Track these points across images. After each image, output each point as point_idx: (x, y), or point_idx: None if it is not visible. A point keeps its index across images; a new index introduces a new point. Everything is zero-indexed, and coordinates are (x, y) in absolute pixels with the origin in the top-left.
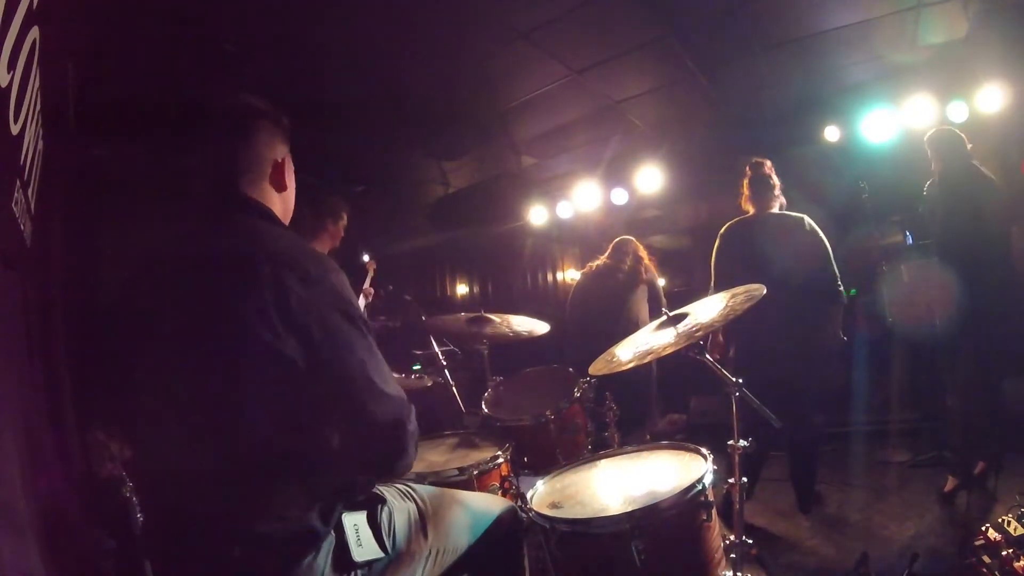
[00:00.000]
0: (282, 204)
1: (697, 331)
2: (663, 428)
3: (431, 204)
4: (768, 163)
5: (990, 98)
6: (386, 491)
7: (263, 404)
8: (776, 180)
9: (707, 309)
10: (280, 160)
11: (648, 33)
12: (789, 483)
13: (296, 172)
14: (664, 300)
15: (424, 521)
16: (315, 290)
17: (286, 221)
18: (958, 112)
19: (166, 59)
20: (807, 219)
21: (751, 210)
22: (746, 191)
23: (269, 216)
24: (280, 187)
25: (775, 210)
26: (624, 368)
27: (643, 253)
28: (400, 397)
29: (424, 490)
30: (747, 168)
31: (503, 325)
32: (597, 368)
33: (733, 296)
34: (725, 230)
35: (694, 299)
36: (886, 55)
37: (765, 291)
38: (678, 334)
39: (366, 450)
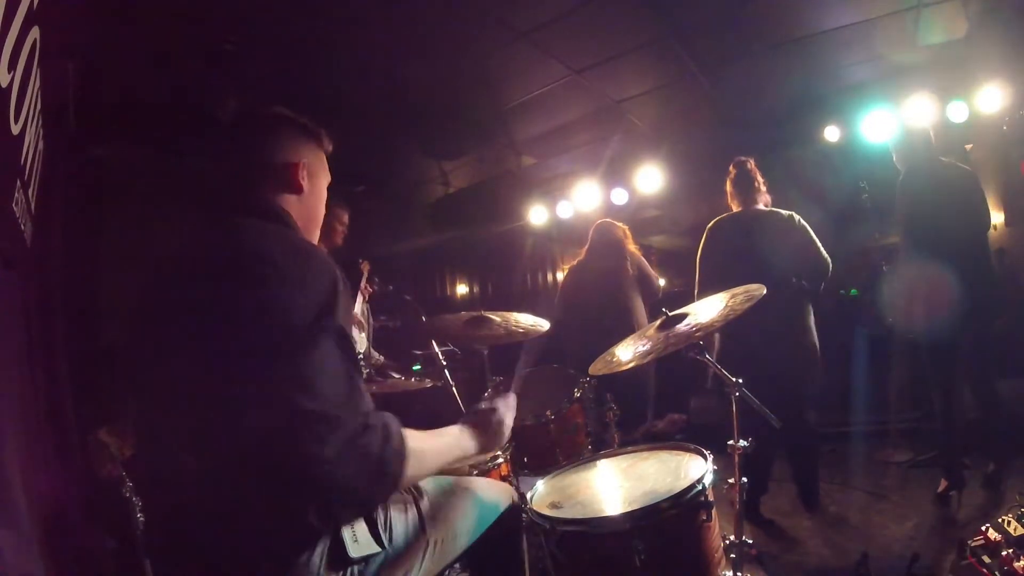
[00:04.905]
0: (300, 206)
1: (697, 331)
2: (663, 428)
3: (431, 204)
4: (751, 160)
5: (990, 98)
6: None
7: (257, 404)
8: (760, 177)
9: (707, 309)
10: (297, 163)
11: (648, 33)
12: (789, 483)
13: None
14: (657, 286)
15: (422, 515)
16: (305, 293)
17: (308, 224)
18: (958, 112)
19: (166, 59)
20: (796, 216)
21: (736, 207)
22: (730, 188)
23: (279, 217)
24: (295, 189)
25: (761, 206)
26: (624, 368)
27: (626, 239)
28: (320, 412)
29: (426, 481)
30: (731, 167)
31: (503, 324)
32: (597, 368)
33: (733, 296)
34: (712, 226)
35: (694, 299)
36: (886, 55)
37: (765, 291)
38: (677, 334)
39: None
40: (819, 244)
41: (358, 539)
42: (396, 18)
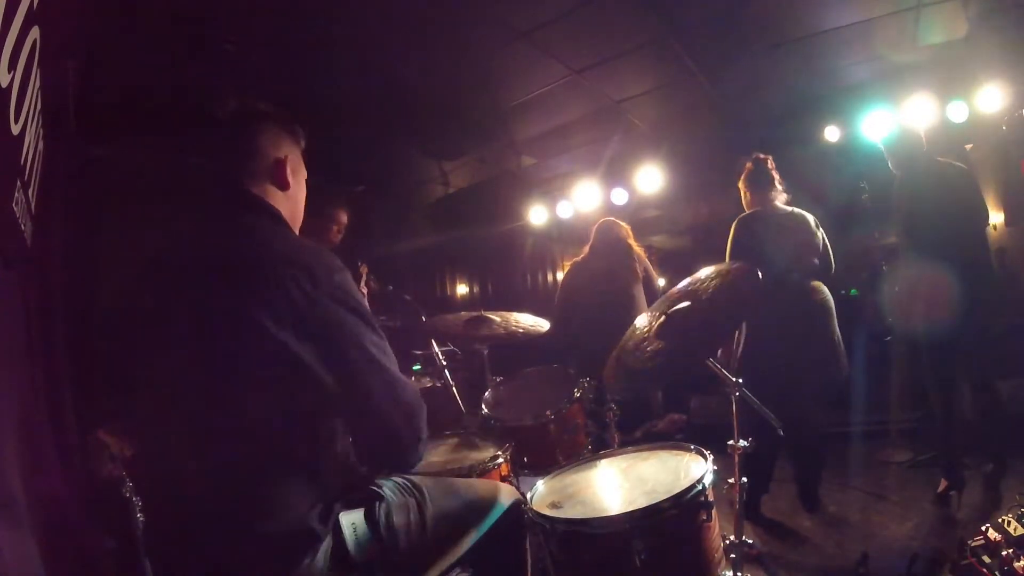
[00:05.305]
0: (288, 203)
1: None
2: (663, 428)
3: (431, 204)
4: (770, 159)
5: (990, 98)
6: (385, 487)
7: (268, 404)
8: (776, 174)
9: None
10: (282, 157)
11: (648, 33)
12: (789, 483)
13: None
14: (657, 287)
15: (424, 516)
16: (322, 289)
17: (295, 222)
18: (958, 112)
19: (166, 59)
20: (812, 217)
21: (755, 204)
22: (746, 184)
23: (274, 216)
24: (282, 185)
25: (779, 203)
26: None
27: (631, 240)
28: (413, 391)
29: (426, 482)
30: (748, 163)
31: (503, 324)
32: (610, 378)
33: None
34: (742, 219)
35: None
36: (886, 55)
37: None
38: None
39: (375, 444)
40: (831, 250)
41: (360, 543)
42: (396, 18)
